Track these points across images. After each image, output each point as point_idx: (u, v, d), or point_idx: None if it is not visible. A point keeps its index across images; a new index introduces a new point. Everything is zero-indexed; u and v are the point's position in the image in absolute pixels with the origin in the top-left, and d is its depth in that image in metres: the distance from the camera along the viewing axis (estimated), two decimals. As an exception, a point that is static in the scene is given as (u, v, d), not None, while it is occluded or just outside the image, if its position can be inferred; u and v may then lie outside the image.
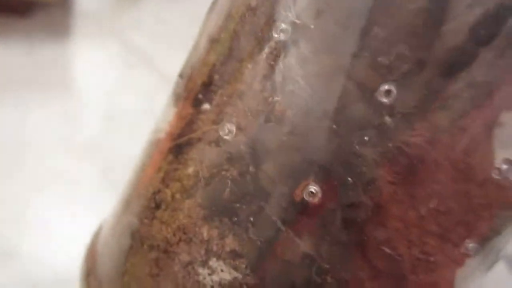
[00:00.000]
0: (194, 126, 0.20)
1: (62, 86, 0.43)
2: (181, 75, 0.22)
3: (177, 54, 0.23)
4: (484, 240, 0.18)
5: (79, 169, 0.38)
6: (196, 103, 0.20)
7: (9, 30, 0.45)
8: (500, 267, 0.37)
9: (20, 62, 0.44)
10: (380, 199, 0.16)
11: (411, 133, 0.15)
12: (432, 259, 0.18)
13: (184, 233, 0.19)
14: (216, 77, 0.20)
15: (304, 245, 0.17)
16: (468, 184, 0.18)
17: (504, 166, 0.15)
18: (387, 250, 0.17)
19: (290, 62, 0.15)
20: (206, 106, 0.20)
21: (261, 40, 0.17)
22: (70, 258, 0.31)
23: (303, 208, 0.16)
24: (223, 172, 0.18)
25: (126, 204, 0.23)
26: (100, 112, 0.42)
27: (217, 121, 0.18)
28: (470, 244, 0.17)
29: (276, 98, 0.16)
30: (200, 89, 0.20)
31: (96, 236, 0.25)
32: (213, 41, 0.21)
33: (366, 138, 0.14)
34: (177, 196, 0.19)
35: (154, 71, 0.45)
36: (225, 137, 0.17)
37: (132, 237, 0.21)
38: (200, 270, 0.18)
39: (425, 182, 0.17)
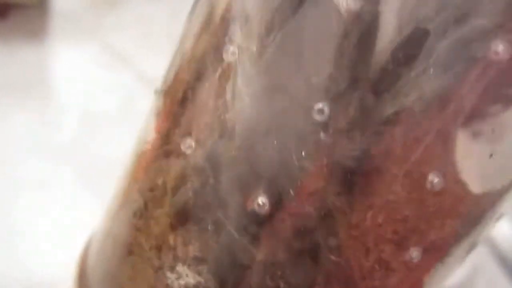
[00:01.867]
0: (169, 139, 0.21)
1: (40, 88, 0.44)
2: (160, 89, 0.24)
3: (157, 55, 0.23)
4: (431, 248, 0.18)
5: (56, 171, 0.38)
6: (174, 116, 0.22)
7: (-15, 33, 0.45)
8: (493, 267, 0.37)
9: (-3, 64, 0.44)
10: (326, 210, 0.17)
11: (351, 147, 0.16)
12: (388, 265, 0.19)
13: (155, 240, 0.20)
14: (189, 92, 0.21)
15: (257, 253, 0.18)
16: (423, 193, 0.18)
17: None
18: (337, 259, 0.18)
19: (237, 82, 0.17)
20: (181, 119, 0.21)
21: (215, 61, 0.18)
22: (49, 261, 0.31)
23: (255, 218, 0.17)
24: (187, 183, 0.19)
25: (111, 214, 0.25)
26: (78, 113, 0.42)
27: (184, 135, 0.20)
28: (415, 252, 0.18)
29: (227, 116, 0.17)
30: (178, 103, 0.22)
31: (86, 249, 0.27)
32: (189, 59, 0.22)
33: (303, 153, 0.16)
34: (150, 205, 0.21)
35: (134, 72, 0.44)
36: (186, 151, 0.19)
37: (113, 244, 0.23)
38: (169, 274, 0.20)
39: (381, 193, 0.18)
